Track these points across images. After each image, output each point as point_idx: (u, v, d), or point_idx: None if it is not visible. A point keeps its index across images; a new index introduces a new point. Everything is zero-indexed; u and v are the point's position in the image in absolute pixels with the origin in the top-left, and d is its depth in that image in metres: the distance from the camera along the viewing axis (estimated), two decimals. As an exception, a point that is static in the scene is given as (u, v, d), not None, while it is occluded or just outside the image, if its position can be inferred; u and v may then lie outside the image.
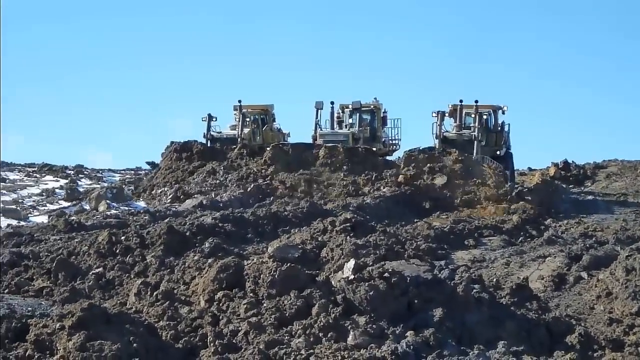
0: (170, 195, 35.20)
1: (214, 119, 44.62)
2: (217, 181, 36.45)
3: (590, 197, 38.22)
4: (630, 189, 40.66)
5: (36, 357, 10.75)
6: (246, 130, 44.37)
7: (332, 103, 42.62)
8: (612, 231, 26.02)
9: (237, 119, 44.62)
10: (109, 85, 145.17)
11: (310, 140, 40.62)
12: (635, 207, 34.03)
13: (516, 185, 38.39)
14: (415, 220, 28.32)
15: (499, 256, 22.04)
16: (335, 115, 42.82)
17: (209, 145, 43.29)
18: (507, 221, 28.29)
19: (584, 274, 18.26)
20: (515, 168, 46.20)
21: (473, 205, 32.28)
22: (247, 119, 45.66)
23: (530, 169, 51.18)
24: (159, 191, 37.19)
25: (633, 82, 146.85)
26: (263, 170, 36.63)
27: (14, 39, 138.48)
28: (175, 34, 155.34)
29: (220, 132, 45.09)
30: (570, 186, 43.40)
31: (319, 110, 42.22)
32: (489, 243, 24.91)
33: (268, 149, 38.75)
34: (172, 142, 42.95)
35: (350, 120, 42.90)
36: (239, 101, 44.41)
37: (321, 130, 41.54)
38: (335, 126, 42.42)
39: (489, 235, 26.01)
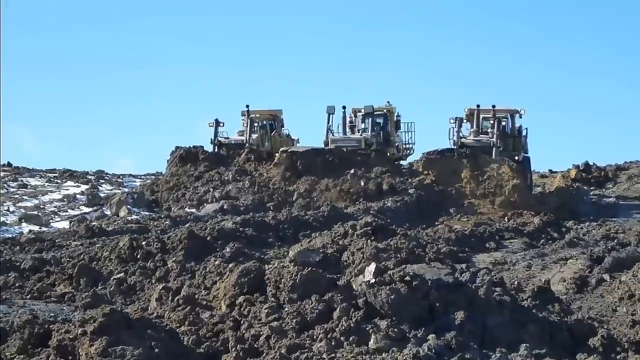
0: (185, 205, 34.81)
1: (222, 124, 43.98)
2: (224, 186, 36.02)
3: (611, 200, 37.92)
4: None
5: (59, 362, 10.80)
6: (254, 136, 43.77)
7: (343, 107, 41.52)
8: (634, 233, 25.88)
9: (245, 125, 44.04)
10: (131, 90, 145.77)
11: (322, 146, 39.77)
12: None
13: (536, 188, 38.27)
14: (436, 224, 28.29)
15: (520, 259, 21.99)
16: (348, 119, 41.87)
17: (216, 150, 42.86)
18: (528, 224, 28.19)
19: (606, 276, 18.16)
20: (536, 170, 46.01)
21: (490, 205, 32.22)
22: (256, 125, 45.05)
23: (551, 171, 50.91)
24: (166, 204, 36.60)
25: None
26: (273, 177, 36.19)
27: (36, 43, 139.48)
28: (191, 37, 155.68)
29: (228, 138, 44.44)
30: (592, 188, 43.14)
31: (331, 115, 41.13)
32: (510, 246, 24.86)
33: (277, 154, 38.05)
34: (177, 148, 42.18)
35: (363, 125, 41.88)
36: (247, 106, 43.90)
37: (333, 135, 40.61)
38: (347, 131, 41.50)
39: (510, 238, 25.96)
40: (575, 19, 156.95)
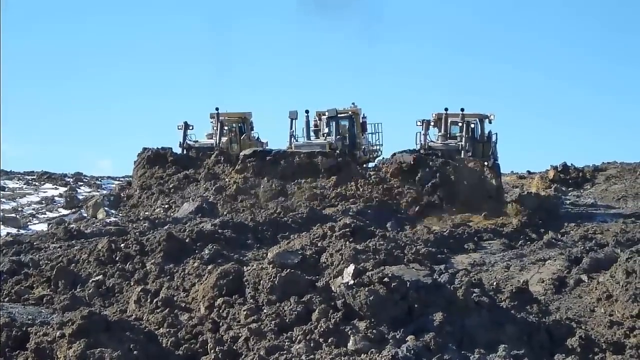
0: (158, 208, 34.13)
1: (191, 127, 42.92)
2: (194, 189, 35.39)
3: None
4: (629, 191, 40.54)
5: (37, 365, 10.77)
6: (224, 139, 42.89)
7: (306, 112, 40.79)
8: (611, 234, 25.99)
9: (215, 127, 43.17)
10: (111, 90, 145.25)
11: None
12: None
13: (515, 189, 38.11)
14: (406, 223, 28.29)
15: (498, 260, 22.04)
16: (312, 123, 41.13)
17: (184, 153, 41.84)
18: (506, 225, 28.24)
19: (584, 277, 18.25)
20: (514, 172, 45.99)
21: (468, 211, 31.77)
22: (225, 128, 44.16)
23: (529, 172, 51.01)
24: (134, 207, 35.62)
25: (632, 84, 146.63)
26: (240, 179, 34.86)
27: (10, 43, 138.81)
28: (170, 39, 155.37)
29: (197, 141, 43.24)
30: (570, 189, 43.27)
31: (294, 121, 39.88)
32: (488, 247, 24.89)
33: (244, 155, 36.30)
34: (144, 149, 41.11)
35: (327, 129, 40.58)
36: (217, 109, 43.06)
37: (296, 141, 39.41)
38: (311, 136, 40.65)
39: (489, 239, 25.98)
40: (554, 22, 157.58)
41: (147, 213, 31.85)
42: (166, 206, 33.57)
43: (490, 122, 37.79)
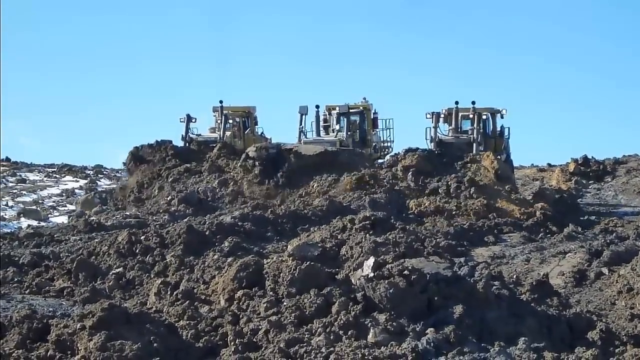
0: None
1: (194, 120, 41.33)
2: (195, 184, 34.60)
3: (610, 194, 37.35)
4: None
5: (57, 357, 10.80)
6: (227, 134, 41.54)
7: (317, 107, 39.72)
8: (632, 226, 25.87)
9: (218, 121, 41.80)
10: (127, 84, 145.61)
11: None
12: None
13: (535, 182, 37.93)
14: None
15: (519, 252, 21.95)
16: (322, 118, 40.01)
17: (186, 146, 40.28)
18: (528, 216, 28.09)
19: (605, 270, 18.15)
20: (534, 164, 45.78)
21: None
22: (229, 122, 42.92)
23: (549, 165, 50.85)
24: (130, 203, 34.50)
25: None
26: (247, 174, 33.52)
27: (31, 38, 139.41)
28: (185, 33, 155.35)
29: (200, 134, 41.78)
30: (591, 182, 43.12)
31: (304, 116, 39.23)
32: (508, 239, 24.77)
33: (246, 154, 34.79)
34: (135, 148, 39.08)
35: (338, 126, 39.49)
36: (220, 102, 41.66)
37: (305, 138, 38.55)
38: (321, 131, 39.66)
39: (509, 232, 25.83)
40: (574, 14, 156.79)
41: (146, 207, 31.59)
42: (168, 198, 32.97)
43: (502, 117, 37.21)
